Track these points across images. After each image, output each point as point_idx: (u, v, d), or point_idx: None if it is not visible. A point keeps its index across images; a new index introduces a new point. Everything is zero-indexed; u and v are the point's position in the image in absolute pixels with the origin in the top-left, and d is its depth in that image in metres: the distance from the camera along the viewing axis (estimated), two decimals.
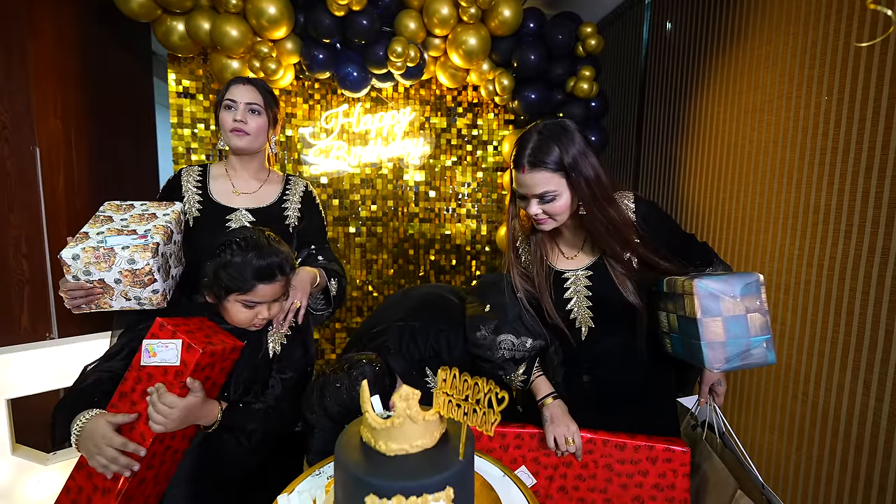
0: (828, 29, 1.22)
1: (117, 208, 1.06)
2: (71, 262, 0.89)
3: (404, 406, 0.54)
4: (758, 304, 0.81)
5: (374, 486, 0.50)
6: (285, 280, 0.95)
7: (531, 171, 0.89)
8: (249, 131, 1.16)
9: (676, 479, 0.91)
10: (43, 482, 1.25)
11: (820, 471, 1.27)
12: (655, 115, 2.01)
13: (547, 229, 0.96)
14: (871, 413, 1.14)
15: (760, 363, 0.82)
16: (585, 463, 0.94)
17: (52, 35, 1.79)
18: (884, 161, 1.11)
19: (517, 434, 0.96)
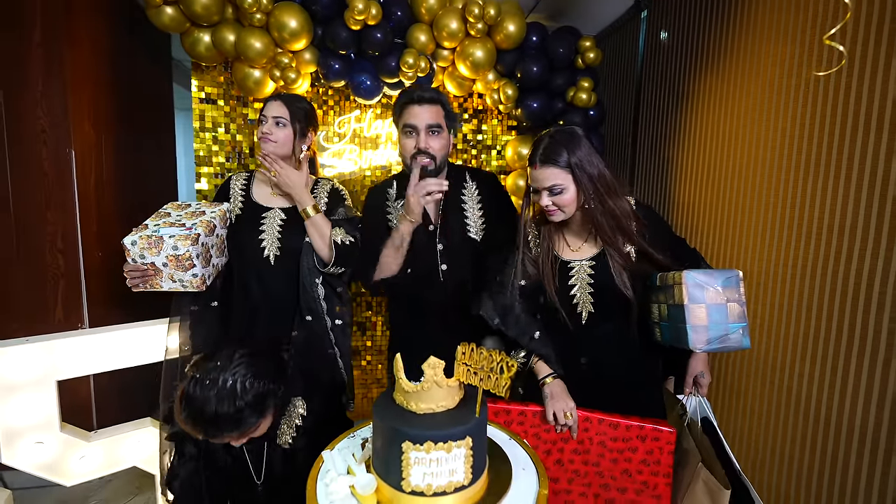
0: (804, 43, 1.34)
1: (177, 207, 1.21)
2: (130, 247, 1.08)
3: (432, 373, 0.67)
4: (736, 296, 0.94)
5: (410, 435, 0.63)
6: (245, 431, 0.86)
7: (542, 168, 1.05)
8: (275, 139, 1.30)
9: (662, 456, 1.03)
10: (86, 457, 1.37)
11: (793, 451, 1.40)
12: (649, 123, 2.14)
13: (557, 220, 1.09)
14: (836, 398, 1.27)
15: (736, 347, 0.95)
16: (581, 439, 1.06)
17: (88, 44, 1.91)
18: (849, 171, 1.24)
19: (521, 411, 1.08)
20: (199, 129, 2.15)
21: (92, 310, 1.89)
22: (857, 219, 1.22)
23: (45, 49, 1.75)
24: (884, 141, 1.15)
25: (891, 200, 1.15)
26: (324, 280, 1.36)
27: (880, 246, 1.17)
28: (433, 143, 1.28)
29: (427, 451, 0.62)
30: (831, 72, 1.12)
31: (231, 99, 2.16)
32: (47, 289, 1.83)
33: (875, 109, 1.17)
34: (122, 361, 1.38)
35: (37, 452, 1.27)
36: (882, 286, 1.17)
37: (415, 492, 0.63)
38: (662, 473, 1.03)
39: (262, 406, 0.87)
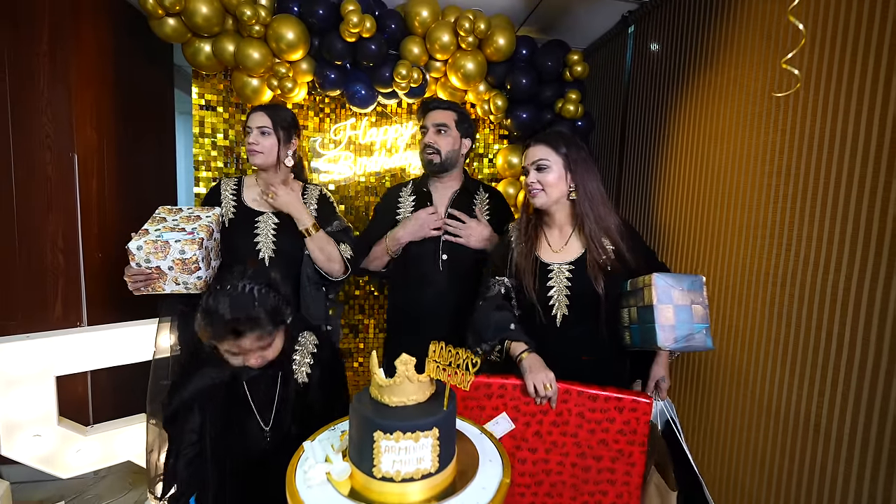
0: (769, 65, 1.41)
1: (169, 211, 1.26)
2: (136, 252, 1.13)
3: (403, 369, 0.73)
4: (700, 299, 1.01)
5: (381, 425, 0.68)
6: (259, 335, 0.92)
7: (535, 146, 1.16)
8: (262, 150, 1.38)
9: (638, 426, 1.07)
10: (82, 451, 1.42)
11: (765, 451, 1.45)
12: (636, 135, 2.21)
13: (538, 203, 1.16)
14: (804, 402, 1.33)
15: (701, 347, 1.01)
16: (560, 411, 1.08)
17: (92, 51, 1.98)
18: (815, 185, 1.30)
19: (501, 384, 1.10)
20: (199, 135, 2.22)
21: (90, 308, 1.94)
22: (823, 229, 1.28)
23: (51, 56, 1.81)
24: (846, 156, 1.22)
25: (853, 211, 1.21)
26: (320, 287, 1.42)
27: (843, 254, 1.23)
28: (439, 139, 1.47)
29: (396, 440, 0.68)
30: (789, 93, 1.18)
31: (230, 106, 2.23)
32: (47, 287, 1.89)
33: (839, 126, 1.24)
34: (118, 359, 1.43)
35: (35, 445, 1.32)
36: (847, 293, 1.23)
37: (385, 478, 0.68)
38: (638, 442, 1.07)
39: (276, 315, 0.93)
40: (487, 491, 0.71)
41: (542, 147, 1.15)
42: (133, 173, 2.30)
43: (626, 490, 1.07)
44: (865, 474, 1.15)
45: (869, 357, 1.16)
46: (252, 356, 0.95)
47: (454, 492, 0.70)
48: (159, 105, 2.62)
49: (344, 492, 0.70)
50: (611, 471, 1.08)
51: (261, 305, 0.91)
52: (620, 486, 1.07)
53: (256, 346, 0.93)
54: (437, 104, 1.54)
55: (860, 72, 1.18)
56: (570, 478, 1.09)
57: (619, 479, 1.08)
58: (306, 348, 1.10)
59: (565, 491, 1.09)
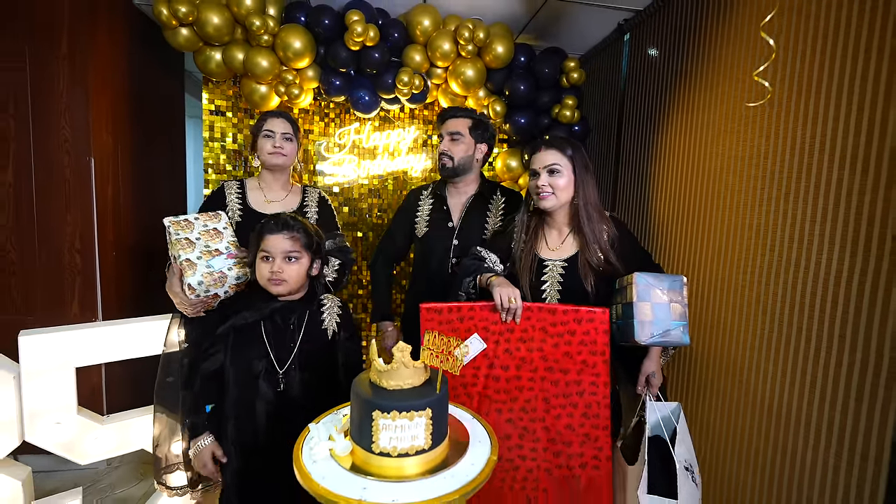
0: (754, 83, 1.48)
1: (178, 225, 1.35)
2: (197, 287, 1.26)
3: (400, 355, 0.80)
4: (679, 298, 1.07)
5: (379, 405, 0.75)
6: (291, 237, 1.11)
7: (547, 150, 1.23)
8: (286, 153, 1.48)
9: (598, 336, 1.12)
10: (99, 439, 1.49)
11: (753, 443, 1.51)
12: (631, 140, 2.27)
13: (547, 205, 1.23)
14: (796, 394, 1.38)
15: (677, 342, 1.07)
16: (524, 328, 1.16)
17: (108, 58, 2.07)
18: (798, 188, 1.36)
19: (470, 307, 1.19)
20: (209, 139, 2.31)
21: (105, 305, 2.03)
22: (804, 231, 1.34)
23: (70, 63, 1.91)
24: (825, 160, 1.28)
25: (831, 213, 1.27)
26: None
27: (822, 255, 1.30)
28: (452, 146, 1.56)
29: (393, 419, 0.75)
30: (761, 103, 1.25)
31: (239, 111, 2.32)
32: (65, 285, 1.97)
33: (818, 132, 1.30)
34: (133, 352, 1.51)
35: (56, 432, 1.40)
36: (826, 291, 1.29)
37: (383, 453, 0.75)
38: (599, 352, 1.12)
39: (307, 234, 1.13)
40: (476, 466, 0.78)
41: (555, 152, 1.22)
42: (146, 176, 2.39)
43: (594, 400, 1.12)
44: (854, 471, 1.20)
45: (845, 354, 1.22)
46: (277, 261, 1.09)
47: (446, 466, 0.77)
48: (170, 110, 2.71)
49: (346, 466, 0.77)
50: (577, 383, 1.13)
51: (299, 223, 1.14)
52: (588, 397, 1.12)
53: (288, 249, 1.10)
54: (453, 113, 1.61)
55: (838, 80, 1.25)
56: (541, 392, 1.15)
57: (586, 390, 1.13)
58: (334, 306, 1.21)
59: (538, 405, 1.15)
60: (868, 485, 1.17)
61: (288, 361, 1.13)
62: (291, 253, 1.11)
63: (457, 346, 0.79)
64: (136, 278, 2.26)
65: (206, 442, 1.16)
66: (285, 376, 1.12)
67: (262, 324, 1.13)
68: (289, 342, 1.14)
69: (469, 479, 0.74)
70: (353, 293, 2.53)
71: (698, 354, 1.76)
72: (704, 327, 1.72)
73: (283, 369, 1.12)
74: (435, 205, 1.65)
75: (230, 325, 1.12)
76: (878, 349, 1.14)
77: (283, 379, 1.12)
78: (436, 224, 1.62)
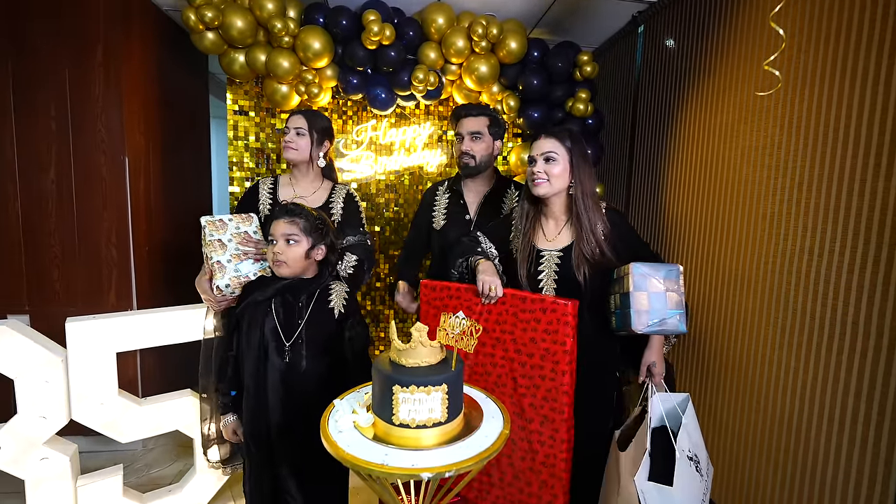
0: (765, 72, 1.48)
1: (213, 226, 1.44)
2: (224, 289, 1.39)
3: (417, 335, 0.85)
4: (675, 287, 1.09)
5: (398, 380, 0.81)
6: (291, 221, 1.20)
7: (545, 138, 1.27)
8: (296, 147, 1.54)
9: (560, 326, 1.16)
10: (138, 419, 1.60)
11: (768, 439, 1.52)
12: (645, 132, 2.28)
13: (540, 192, 1.27)
14: (809, 381, 1.39)
15: (673, 331, 1.10)
16: (500, 311, 1.25)
17: (140, 62, 2.19)
18: (811, 177, 1.37)
19: (457, 287, 1.32)
20: (233, 138, 2.41)
21: (139, 295, 2.15)
22: (818, 220, 1.35)
23: (105, 68, 2.02)
24: (839, 150, 1.29)
25: (844, 203, 1.28)
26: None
27: (835, 243, 1.30)
28: (474, 146, 1.60)
29: (411, 393, 0.80)
30: (771, 92, 1.26)
31: (261, 111, 2.41)
32: (103, 278, 2.10)
33: (832, 122, 1.30)
34: (167, 338, 1.61)
35: (99, 412, 1.51)
36: (839, 280, 1.29)
37: (402, 424, 0.81)
38: (559, 342, 1.17)
39: (308, 221, 1.22)
40: (489, 438, 0.83)
41: (552, 140, 1.25)
42: (174, 174, 2.51)
43: (553, 386, 1.18)
44: (867, 457, 1.21)
45: (858, 341, 1.23)
46: (279, 242, 1.19)
47: (461, 438, 0.83)
48: (196, 111, 2.83)
49: (369, 436, 0.83)
50: (540, 367, 1.19)
51: (301, 209, 1.23)
52: (549, 383, 1.18)
53: (283, 233, 1.19)
54: (469, 111, 1.62)
55: (852, 68, 1.25)
56: (510, 371, 1.24)
57: (547, 376, 1.19)
58: (342, 290, 1.30)
59: (508, 381, 1.25)
60: (881, 470, 1.18)
61: (294, 335, 1.22)
62: (290, 236, 1.20)
63: (469, 326, 0.84)
64: (167, 271, 2.38)
65: (230, 420, 1.32)
66: (291, 349, 1.22)
67: (272, 301, 1.24)
68: (297, 318, 1.24)
69: (482, 448, 0.80)
70: (370, 286, 2.60)
71: (712, 345, 1.77)
72: (719, 317, 1.74)
73: (289, 342, 1.22)
74: (452, 199, 1.70)
75: (245, 303, 1.25)
76: (891, 336, 1.15)
77: (288, 351, 1.21)
78: (453, 217, 1.67)
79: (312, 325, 1.24)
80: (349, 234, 1.57)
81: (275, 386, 1.22)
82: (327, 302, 1.27)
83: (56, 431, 1.47)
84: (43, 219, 2.03)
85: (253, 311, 1.24)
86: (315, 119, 1.57)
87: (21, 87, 1.96)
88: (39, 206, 2.02)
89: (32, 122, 1.98)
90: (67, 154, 2.02)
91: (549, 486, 1.18)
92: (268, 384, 1.23)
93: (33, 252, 2.04)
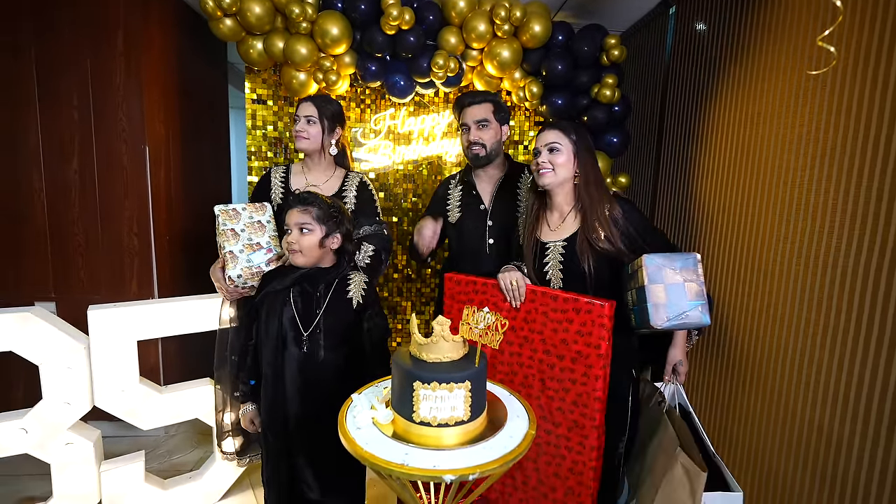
0: (808, 44, 1.37)
1: (226, 215, 1.42)
2: (237, 280, 1.39)
3: (439, 329, 0.81)
4: (694, 277, 1.02)
5: (419, 377, 0.77)
6: (304, 210, 1.19)
7: (549, 130, 1.26)
8: (307, 136, 1.51)
9: (594, 328, 1.11)
10: (159, 406, 1.61)
11: (798, 436, 1.44)
12: (675, 119, 2.17)
13: (545, 182, 1.25)
14: (844, 381, 1.31)
15: (696, 323, 1.03)
16: (529, 309, 1.21)
17: (159, 52, 2.18)
18: (862, 163, 1.27)
19: (483, 282, 1.30)
20: (252, 127, 2.39)
21: (160, 284, 2.17)
22: (868, 211, 1.25)
23: (126, 58, 2.02)
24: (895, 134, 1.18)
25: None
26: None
27: (888, 236, 1.20)
28: (482, 134, 1.54)
29: (433, 390, 0.76)
30: (824, 71, 1.16)
31: (279, 99, 2.39)
32: (125, 267, 2.12)
33: (888, 104, 1.20)
34: (187, 327, 1.61)
35: (121, 399, 1.52)
36: (892, 276, 1.20)
37: (423, 422, 0.78)
38: (594, 345, 1.12)
39: (322, 210, 1.20)
40: (514, 439, 0.79)
41: (555, 131, 1.25)
42: (194, 163, 2.51)
43: (584, 391, 1.12)
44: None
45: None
46: (293, 232, 1.18)
47: (484, 438, 0.79)
48: (215, 100, 2.83)
49: (388, 433, 0.80)
50: (571, 370, 1.14)
51: (315, 198, 1.21)
52: (580, 387, 1.13)
53: (296, 222, 1.18)
54: (472, 99, 1.58)
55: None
56: (538, 372, 1.19)
57: (578, 380, 1.13)
58: (360, 280, 1.28)
59: (535, 383, 1.20)
60: None
61: (312, 325, 1.20)
62: (304, 225, 1.19)
63: (495, 320, 0.80)
64: (188, 259, 2.39)
65: (249, 409, 1.32)
66: (309, 338, 1.20)
67: (290, 290, 1.23)
68: (314, 308, 1.22)
69: (507, 450, 0.76)
70: (388, 276, 2.58)
71: (740, 339, 1.69)
72: (747, 311, 1.65)
73: (307, 332, 1.20)
74: (464, 191, 1.66)
75: (264, 293, 1.24)
76: None
77: (306, 341, 1.19)
78: (468, 208, 1.63)
79: (330, 314, 1.22)
80: (364, 223, 1.54)
81: (293, 376, 1.21)
82: (345, 292, 1.25)
83: (80, 417, 1.49)
84: (67, 207, 2.06)
85: (271, 300, 1.23)
86: (325, 105, 1.53)
87: (44, 75, 1.98)
88: (64, 195, 2.05)
89: (56, 111, 2.00)
90: (90, 143, 2.04)
91: (575, 494, 1.14)
92: (286, 374, 1.22)
93: (58, 240, 2.07)
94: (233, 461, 1.62)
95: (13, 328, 1.36)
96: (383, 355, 1.26)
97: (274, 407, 1.24)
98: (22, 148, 1.99)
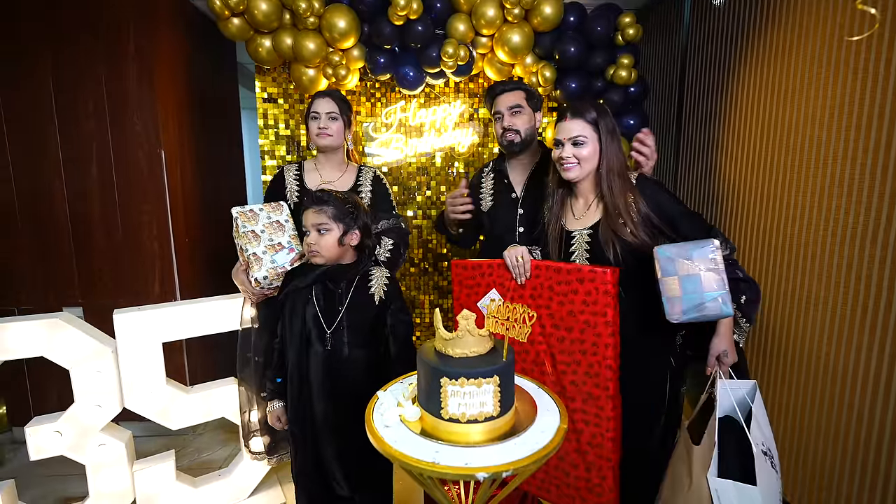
0: (854, 13, 1.29)
1: (244, 216, 1.42)
2: (262, 281, 1.38)
3: (465, 323, 0.79)
4: (713, 266, 0.96)
5: (447, 372, 0.75)
6: (320, 210, 1.17)
7: (571, 119, 1.19)
8: (331, 133, 1.48)
9: (598, 296, 1.09)
10: (186, 406, 1.63)
11: (836, 421, 1.39)
12: (695, 98, 2.09)
13: (571, 176, 1.21)
14: (886, 368, 1.25)
15: (716, 315, 0.97)
16: (534, 285, 1.20)
17: (170, 56, 2.19)
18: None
19: (489, 264, 1.31)
20: (263, 126, 2.39)
21: (182, 286, 2.19)
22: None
23: (138, 63, 2.03)
24: None
25: None
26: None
27: None
28: (515, 120, 1.52)
29: (461, 386, 0.75)
30: (864, 36, 1.09)
31: (289, 97, 2.38)
32: (147, 269, 2.15)
33: None
34: (210, 328, 1.62)
35: (150, 400, 1.55)
36: None
37: (451, 419, 0.76)
38: (600, 313, 1.09)
39: (338, 208, 1.18)
40: (546, 434, 0.76)
41: (579, 122, 1.18)
42: (209, 165, 2.53)
43: (595, 360, 1.10)
44: None
45: None
46: (312, 233, 1.17)
47: (515, 433, 0.77)
48: (227, 101, 2.84)
49: (416, 431, 0.78)
50: (581, 341, 1.12)
51: (330, 196, 1.19)
52: (591, 357, 1.11)
53: (314, 223, 1.17)
54: (503, 87, 1.56)
55: None
56: (549, 347, 1.18)
57: (588, 350, 1.11)
58: (382, 276, 1.27)
59: (547, 359, 1.19)
60: None
61: (335, 322, 1.19)
62: (320, 225, 1.18)
63: (522, 312, 0.77)
64: (208, 261, 2.42)
65: (276, 406, 1.32)
66: (333, 336, 1.19)
67: (313, 288, 1.22)
68: (337, 305, 1.21)
69: (540, 446, 0.74)
70: (404, 271, 2.57)
71: (774, 324, 1.63)
72: (780, 295, 1.59)
73: (330, 329, 1.19)
74: (496, 179, 1.64)
75: (286, 291, 1.24)
76: None
77: (330, 338, 1.19)
78: (500, 196, 1.61)
79: (353, 311, 1.21)
80: (381, 217, 1.53)
81: (317, 373, 1.21)
82: (367, 288, 1.24)
83: (111, 419, 1.52)
84: (89, 214, 2.09)
85: (294, 298, 1.23)
86: (343, 100, 1.52)
87: (60, 82, 2.00)
88: (85, 202, 2.08)
89: (73, 118, 2.03)
90: (107, 149, 2.06)
91: (596, 468, 1.12)
92: (310, 372, 1.22)
93: (82, 246, 2.11)
94: (262, 460, 1.64)
95: (43, 334, 1.39)
96: (409, 351, 1.24)
97: (300, 404, 1.24)
98: (42, 158, 2.02)
